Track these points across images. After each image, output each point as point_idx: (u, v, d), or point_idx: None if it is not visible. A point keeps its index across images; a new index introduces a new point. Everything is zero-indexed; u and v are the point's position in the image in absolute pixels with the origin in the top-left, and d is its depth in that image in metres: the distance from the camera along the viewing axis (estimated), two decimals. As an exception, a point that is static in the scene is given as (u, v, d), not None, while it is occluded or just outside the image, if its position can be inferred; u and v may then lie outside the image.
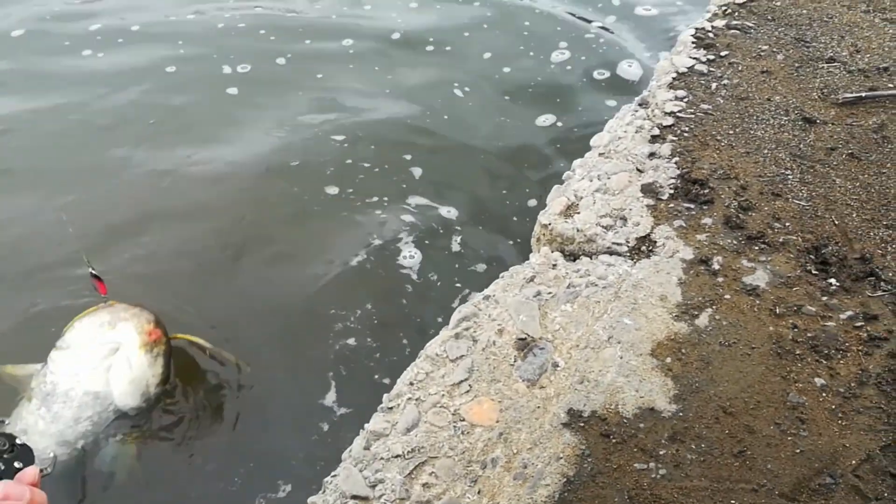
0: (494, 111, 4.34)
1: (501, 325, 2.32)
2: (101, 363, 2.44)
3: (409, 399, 2.13)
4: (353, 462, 1.99)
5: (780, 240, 2.44)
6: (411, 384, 2.18)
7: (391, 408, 2.12)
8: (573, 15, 5.26)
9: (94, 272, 2.54)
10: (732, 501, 1.75)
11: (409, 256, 3.36)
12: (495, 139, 4.12)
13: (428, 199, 3.69)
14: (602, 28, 5.07)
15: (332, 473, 1.97)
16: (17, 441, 1.27)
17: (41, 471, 1.26)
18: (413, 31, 5.12)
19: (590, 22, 5.15)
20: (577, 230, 2.63)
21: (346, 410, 2.69)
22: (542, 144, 4.06)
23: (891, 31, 3.58)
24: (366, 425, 2.09)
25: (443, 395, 2.12)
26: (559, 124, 4.21)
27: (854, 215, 2.50)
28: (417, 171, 3.87)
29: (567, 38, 4.96)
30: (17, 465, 1.24)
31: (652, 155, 2.91)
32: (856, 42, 3.51)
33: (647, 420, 1.96)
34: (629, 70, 4.63)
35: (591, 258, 2.56)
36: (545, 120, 4.23)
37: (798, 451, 1.83)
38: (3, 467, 1.22)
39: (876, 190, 2.60)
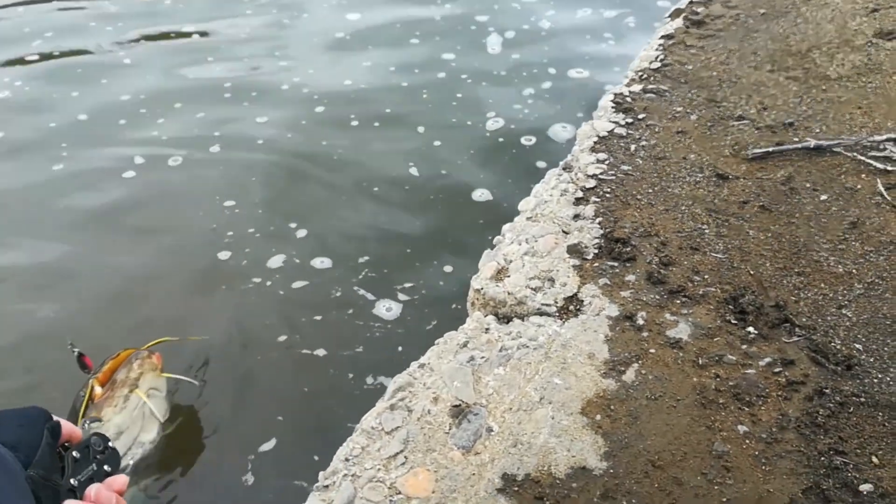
0: (431, 185, 4.42)
1: (436, 393, 2.33)
2: None
3: (345, 476, 2.11)
4: (289, 545, 1.95)
5: (700, 292, 2.53)
6: (347, 460, 2.16)
7: (327, 486, 2.10)
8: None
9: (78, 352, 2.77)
10: (665, 556, 1.77)
11: (385, 301, 3.37)
12: (432, 212, 4.19)
13: (366, 277, 3.72)
14: (535, 92, 5.26)
15: (266, 559, 1.93)
16: (110, 444, 1.23)
17: None
18: (336, 100, 5.23)
19: (524, 87, 5.35)
20: (508, 293, 2.68)
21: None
22: (479, 216, 4.13)
23: (794, 88, 3.82)
24: (303, 505, 2.06)
25: (379, 468, 2.11)
26: (492, 195, 4.29)
27: (768, 265, 2.62)
28: (355, 245, 3.92)
29: (498, 106, 5.13)
30: (106, 468, 1.19)
31: (576, 217, 3.01)
32: (762, 100, 3.73)
33: (579, 479, 1.97)
34: (562, 133, 4.80)
35: (522, 320, 2.61)
36: (481, 195, 4.30)
37: (725, 500, 1.86)
38: (95, 468, 1.17)
39: (787, 239, 2.73)
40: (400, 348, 3.33)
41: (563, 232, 2.94)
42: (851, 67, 3.95)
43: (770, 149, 3.26)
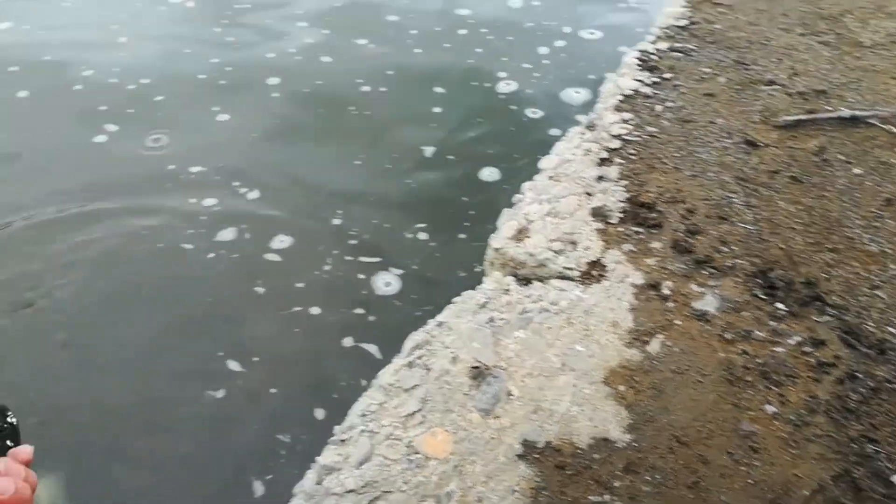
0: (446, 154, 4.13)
1: (455, 353, 2.28)
2: None
3: (362, 431, 2.07)
4: (305, 497, 1.92)
5: (728, 264, 2.47)
6: (364, 416, 2.12)
7: (343, 440, 2.06)
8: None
9: None
10: (688, 533, 1.75)
11: (385, 284, 3.21)
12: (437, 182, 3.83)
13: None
14: (548, 53, 4.99)
15: (283, 509, 1.90)
16: (8, 418, 1.20)
17: None
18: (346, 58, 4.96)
19: (539, 45, 5.09)
20: (529, 254, 2.61)
21: (299, 442, 2.60)
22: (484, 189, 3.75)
23: (826, 53, 3.70)
24: (318, 458, 2.02)
25: (396, 426, 2.07)
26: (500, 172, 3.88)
27: (798, 238, 2.56)
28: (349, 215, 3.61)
29: (511, 67, 4.85)
30: (8, 442, 1.16)
31: (600, 178, 2.92)
32: (794, 65, 3.61)
33: (601, 450, 1.94)
34: (575, 96, 4.56)
35: (542, 283, 2.54)
36: (489, 175, 3.83)
37: (751, 481, 1.84)
38: None
39: (818, 213, 2.66)
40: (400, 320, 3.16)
41: (587, 193, 2.85)
42: (886, 35, 3.83)
43: (802, 117, 3.16)
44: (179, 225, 3.39)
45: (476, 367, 2.22)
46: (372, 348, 2.82)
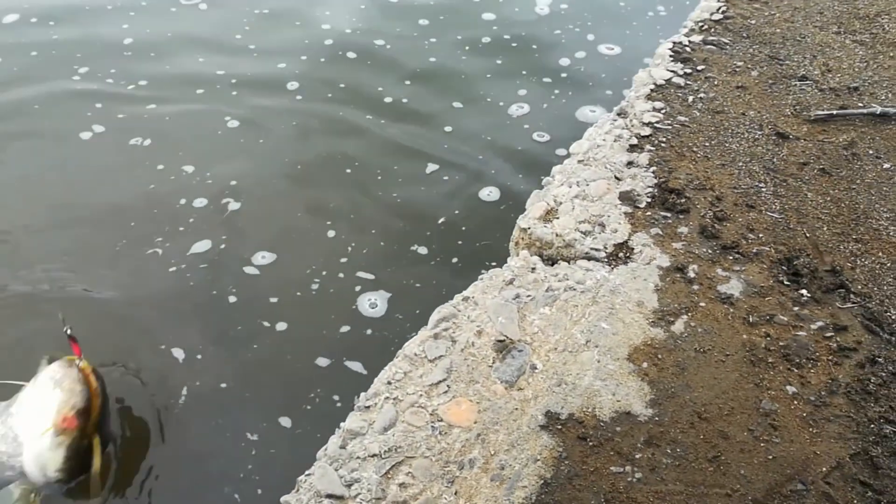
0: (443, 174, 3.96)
1: (480, 327, 2.32)
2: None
3: (387, 398, 2.12)
4: (329, 461, 1.98)
5: (754, 250, 2.49)
6: (389, 383, 2.17)
7: (368, 407, 2.12)
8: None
9: (69, 333, 2.36)
10: (706, 505, 1.79)
11: (370, 294, 3.23)
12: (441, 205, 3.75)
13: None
14: (565, 72, 4.86)
15: (307, 472, 1.96)
16: None
17: None
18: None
19: (560, 56, 4.90)
20: (556, 235, 2.65)
21: (321, 411, 2.67)
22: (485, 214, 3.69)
23: (860, 52, 3.69)
24: (342, 424, 2.08)
25: (421, 395, 2.12)
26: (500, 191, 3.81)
27: (825, 228, 2.57)
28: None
29: (528, 82, 4.65)
30: None
31: (630, 164, 2.95)
32: (827, 62, 3.61)
33: (623, 424, 1.98)
34: (591, 115, 4.44)
35: (569, 263, 2.58)
36: (489, 193, 3.81)
37: (770, 457, 1.87)
38: None
39: (846, 205, 2.67)
40: (434, 281, 3.29)
41: (616, 178, 2.88)
42: (922, 36, 3.81)
43: (833, 111, 3.17)
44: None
45: (501, 341, 2.27)
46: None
